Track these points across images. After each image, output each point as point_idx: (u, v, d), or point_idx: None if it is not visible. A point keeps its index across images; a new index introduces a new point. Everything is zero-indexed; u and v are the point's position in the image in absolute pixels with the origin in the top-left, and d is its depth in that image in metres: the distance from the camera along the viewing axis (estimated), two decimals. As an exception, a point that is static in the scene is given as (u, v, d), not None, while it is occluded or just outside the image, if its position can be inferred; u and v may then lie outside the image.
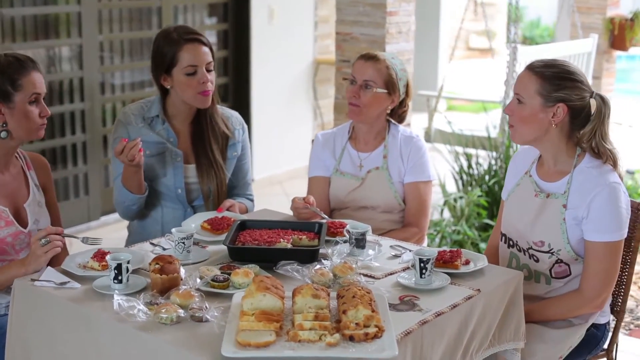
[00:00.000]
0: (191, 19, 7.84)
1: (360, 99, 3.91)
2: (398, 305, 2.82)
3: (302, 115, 8.84)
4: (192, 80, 3.76)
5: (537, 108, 3.23)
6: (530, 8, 18.37)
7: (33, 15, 6.51)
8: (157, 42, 3.81)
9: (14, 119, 3.28)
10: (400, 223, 4.02)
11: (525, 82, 3.27)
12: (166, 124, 3.88)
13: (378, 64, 3.91)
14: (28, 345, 2.96)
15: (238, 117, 4.10)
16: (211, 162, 3.90)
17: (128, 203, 3.82)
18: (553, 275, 3.34)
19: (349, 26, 5.64)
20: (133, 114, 3.88)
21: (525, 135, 3.31)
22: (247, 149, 4.11)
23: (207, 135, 3.91)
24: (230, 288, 2.88)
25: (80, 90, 6.85)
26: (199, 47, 3.78)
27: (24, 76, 3.26)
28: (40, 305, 2.92)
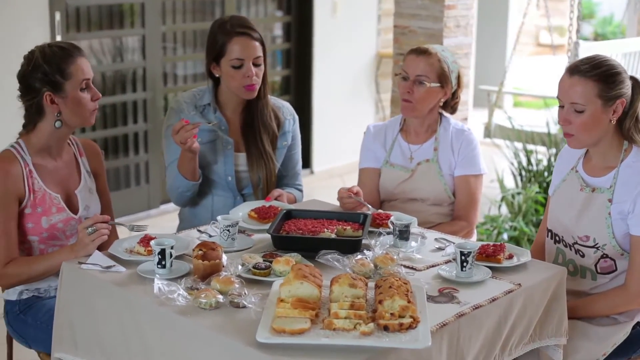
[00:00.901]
0: (254, 10, 7.89)
1: (413, 94, 3.89)
2: (437, 297, 2.82)
3: (363, 109, 8.85)
4: (238, 73, 3.80)
5: (598, 111, 3.19)
6: (603, 4, 18.14)
7: (98, 6, 6.61)
8: (212, 30, 3.85)
9: (68, 107, 3.32)
10: (450, 216, 4.02)
11: (580, 89, 3.20)
12: (218, 112, 3.92)
13: (430, 58, 3.90)
14: (73, 325, 3.03)
15: (289, 108, 4.12)
16: (261, 152, 3.93)
17: (182, 189, 3.86)
18: (598, 270, 3.31)
19: (407, 19, 5.64)
20: (185, 102, 3.92)
21: (587, 141, 3.26)
22: (297, 139, 4.14)
23: (258, 126, 3.94)
24: (271, 276, 2.91)
25: (142, 80, 6.95)
26: (249, 41, 3.80)
27: (72, 64, 3.31)
28: (86, 288, 2.98)
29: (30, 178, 3.31)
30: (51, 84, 3.28)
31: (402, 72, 3.93)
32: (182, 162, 3.78)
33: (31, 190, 3.30)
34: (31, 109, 3.32)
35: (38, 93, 3.28)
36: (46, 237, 3.35)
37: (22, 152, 3.33)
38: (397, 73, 4.00)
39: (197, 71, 7.41)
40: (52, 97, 3.28)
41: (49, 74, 3.27)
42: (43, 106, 3.30)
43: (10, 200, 3.26)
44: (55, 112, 3.31)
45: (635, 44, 7.79)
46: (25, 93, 3.32)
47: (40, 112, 3.31)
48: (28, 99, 3.31)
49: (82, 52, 3.37)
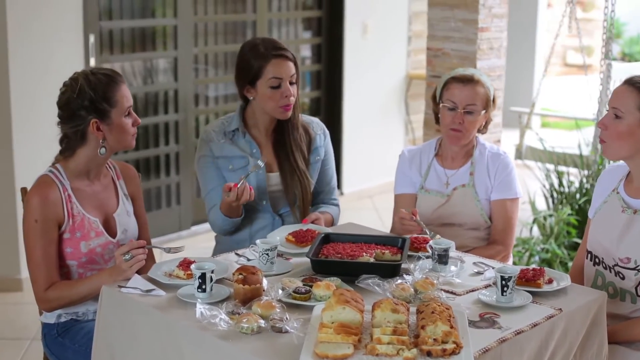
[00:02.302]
0: (285, 32, 7.93)
1: (463, 124, 3.90)
2: (478, 322, 2.81)
3: (393, 130, 8.85)
4: (276, 93, 3.83)
5: (635, 123, 3.20)
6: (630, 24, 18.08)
7: (131, 28, 6.65)
8: (244, 53, 3.88)
9: (112, 134, 3.34)
10: (486, 240, 4.01)
11: (624, 97, 3.23)
12: (247, 136, 3.95)
13: (477, 86, 3.89)
14: (113, 349, 3.04)
15: (319, 123, 4.15)
16: (294, 169, 3.95)
17: (227, 227, 3.93)
18: (639, 293, 3.29)
19: (441, 42, 5.64)
20: (214, 131, 3.96)
21: (618, 151, 3.27)
22: (330, 154, 4.16)
23: (289, 144, 3.97)
24: (311, 300, 2.91)
25: (174, 101, 6.98)
26: (285, 62, 3.84)
27: (117, 91, 3.33)
28: (126, 311, 3.00)
29: (69, 203, 3.33)
30: (97, 112, 3.29)
31: (448, 103, 3.92)
32: (228, 208, 3.82)
33: (70, 215, 3.32)
34: (75, 135, 3.33)
35: (84, 120, 3.30)
36: (85, 261, 3.37)
37: (61, 176, 3.34)
38: (439, 101, 3.97)
39: (228, 92, 7.44)
40: (98, 125, 3.30)
41: (95, 101, 3.28)
42: (87, 133, 3.32)
43: (50, 225, 3.28)
44: (101, 139, 3.32)
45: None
46: (68, 120, 3.32)
47: (83, 138, 3.33)
48: (72, 126, 3.32)
49: (123, 78, 3.40)
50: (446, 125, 3.94)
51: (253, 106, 3.93)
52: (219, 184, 3.92)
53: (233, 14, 7.42)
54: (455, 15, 5.52)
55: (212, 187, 3.93)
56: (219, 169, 3.93)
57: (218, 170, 3.93)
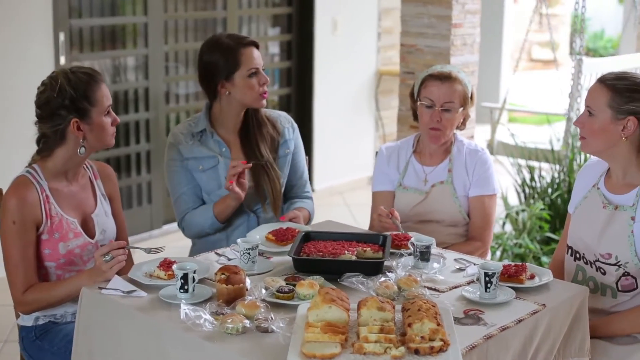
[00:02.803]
0: (255, 29, 7.90)
1: (441, 122, 3.90)
2: (463, 319, 2.81)
3: (364, 126, 8.85)
4: (254, 81, 3.84)
5: (607, 121, 3.21)
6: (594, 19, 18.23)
7: (100, 26, 6.60)
8: (210, 52, 3.86)
9: (92, 133, 3.31)
10: (465, 236, 4.01)
11: (596, 95, 3.26)
12: (215, 136, 3.94)
13: (454, 84, 3.89)
14: (93, 352, 3.00)
15: (286, 117, 4.15)
16: (259, 160, 3.94)
17: (208, 230, 3.92)
18: (619, 288, 3.30)
19: (414, 38, 5.64)
20: (182, 133, 3.95)
21: (595, 147, 3.29)
22: (299, 147, 4.16)
23: (254, 136, 3.96)
24: (295, 299, 2.89)
25: (145, 99, 6.94)
26: (256, 50, 3.88)
27: (97, 90, 3.29)
28: (107, 313, 2.96)
29: (47, 203, 3.29)
30: (78, 111, 3.25)
31: (425, 100, 3.91)
32: (225, 210, 3.84)
33: (48, 216, 3.28)
34: (54, 135, 3.28)
35: (64, 120, 3.25)
36: (63, 262, 3.33)
37: (38, 177, 3.30)
38: (417, 99, 3.96)
39: (198, 90, 7.37)
40: (78, 124, 3.26)
41: (76, 100, 3.24)
42: (67, 133, 3.27)
43: (27, 227, 3.24)
44: (80, 139, 3.28)
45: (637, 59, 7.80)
46: (48, 119, 3.28)
47: (62, 138, 3.28)
48: (52, 126, 3.27)
49: (102, 77, 3.37)
50: (425, 124, 3.93)
51: (222, 103, 3.91)
52: (189, 187, 3.92)
53: (203, 11, 7.39)
54: (428, 11, 5.52)
55: (183, 192, 3.93)
56: (189, 170, 3.91)
57: (188, 173, 3.91)
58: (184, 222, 3.95)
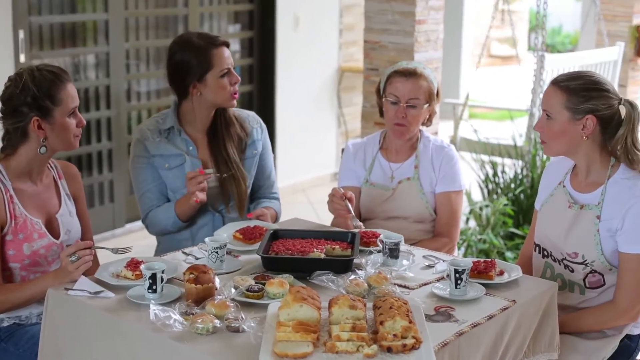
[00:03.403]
0: (217, 26, 7.86)
1: (406, 118, 3.89)
2: (434, 316, 2.80)
3: (326, 123, 8.84)
4: (226, 81, 3.82)
5: (565, 122, 3.22)
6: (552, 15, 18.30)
7: (60, 24, 6.53)
8: (181, 52, 3.83)
9: (54, 133, 3.27)
10: (432, 233, 4.01)
11: (551, 98, 3.26)
12: (183, 134, 3.91)
13: (419, 79, 3.89)
14: (61, 354, 2.96)
15: (255, 117, 4.14)
16: (225, 160, 3.91)
17: (171, 228, 3.89)
18: (587, 285, 3.31)
19: (378, 34, 5.63)
20: (149, 129, 3.91)
21: (557, 149, 3.30)
22: (267, 147, 4.14)
23: (222, 135, 3.94)
24: (264, 298, 2.87)
25: (106, 97, 6.87)
26: (227, 50, 3.86)
27: (62, 90, 3.26)
28: (74, 315, 2.92)
29: (11, 204, 3.24)
30: (40, 109, 3.21)
31: (391, 97, 3.90)
32: (187, 210, 3.81)
33: (12, 217, 3.24)
34: (15, 132, 3.24)
35: (25, 117, 3.21)
36: (28, 263, 3.28)
37: (2, 177, 3.25)
38: (382, 95, 3.95)
39: (160, 87, 7.35)
40: (39, 123, 3.22)
41: (38, 98, 3.20)
42: (28, 131, 3.23)
43: None
44: (42, 138, 3.24)
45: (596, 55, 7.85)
46: (10, 116, 3.24)
47: (24, 136, 3.24)
48: (13, 122, 3.23)
49: (69, 76, 3.33)
50: (390, 120, 3.93)
51: (193, 103, 3.88)
52: (154, 185, 3.89)
53: (164, 8, 7.34)
54: (392, 7, 5.50)
55: (148, 189, 3.90)
56: (155, 168, 3.88)
57: (154, 170, 3.88)
58: (147, 219, 3.92)
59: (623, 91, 8.55)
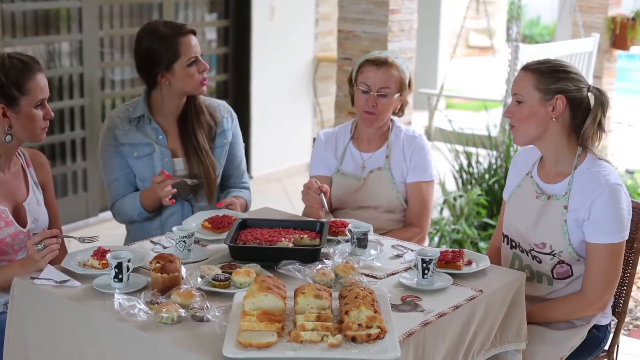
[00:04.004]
0: (192, 15, 7.82)
1: (377, 107, 3.89)
2: (400, 305, 2.80)
3: (302, 113, 8.82)
4: (194, 70, 3.80)
5: (536, 103, 3.24)
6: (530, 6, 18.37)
7: (33, 11, 6.49)
8: (148, 40, 3.80)
9: (20, 122, 3.25)
10: (402, 223, 4.01)
11: (521, 81, 3.29)
12: (153, 122, 3.89)
13: (390, 69, 3.88)
14: (27, 343, 2.95)
15: (226, 106, 4.12)
16: (195, 148, 3.90)
17: (137, 218, 3.88)
18: (555, 276, 3.32)
19: (351, 24, 5.62)
20: (119, 117, 3.89)
21: (527, 133, 3.30)
22: (238, 137, 4.12)
23: (192, 123, 3.92)
24: (231, 287, 2.86)
25: (80, 86, 6.83)
26: (194, 37, 3.84)
27: (31, 79, 3.23)
28: (40, 304, 2.90)
29: (-22, 191, 3.22)
30: (6, 97, 3.19)
31: (362, 85, 3.90)
32: (152, 202, 3.79)
33: (-22, 204, 3.22)
34: None
35: None
36: (-6, 252, 3.26)
37: None
38: (354, 84, 3.95)
39: (134, 76, 7.29)
40: (4, 111, 3.20)
41: (5, 86, 3.18)
42: None
43: None
44: (6, 126, 3.22)
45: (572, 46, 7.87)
46: None
47: None
48: None
49: (41, 67, 3.30)
50: (360, 108, 3.92)
51: (162, 92, 3.86)
52: (122, 174, 3.88)
53: (139, -5, 7.30)
54: (366, -3, 5.51)
55: (116, 177, 3.88)
56: (124, 157, 3.86)
57: (122, 159, 3.86)
58: (114, 208, 3.91)
59: (598, 82, 8.59)
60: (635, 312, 5.42)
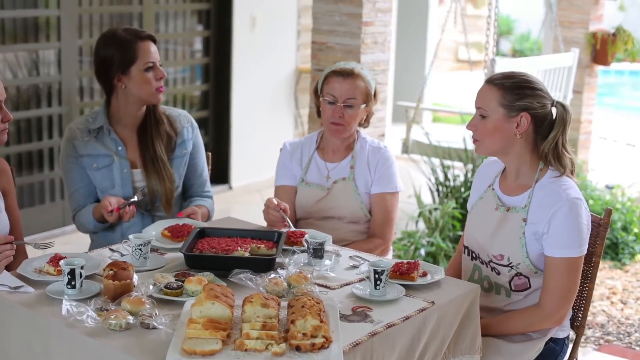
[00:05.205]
0: (173, 25, 7.84)
1: (343, 118, 3.90)
2: (350, 316, 2.81)
3: (283, 124, 8.84)
4: (150, 76, 3.81)
5: (500, 120, 3.24)
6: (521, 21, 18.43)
7: (13, 19, 6.50)
8: (106, 45, 3.82)
9: None
10: (366, 234, 4.02)
11: (486, 96, 3.28)
12: (112, 133, 3.90)
13: (356, 80, 3.90)
14: (-20, 347, 2.96)
15: (187, 116, 4.12)
16: (153, 159, 3.91)
17: (94, 230, 3.91)
18: (513, 288, 3.34)
19: (325, 36, 5.66)
20: (78, 129, 3.90)
21: (490, 147, 3.31)
22: (199, 146, 4.12)
23: (150, 133, 3.93)
24: (183, 295, 2.87)
25: (58, 94, 6.84)
26: (152, 44, 3.86)
27: None
28: (-7, 309, 2.92)
29: (-63, 197, 3.23)
30: None
31: (328, 96, 3.92)
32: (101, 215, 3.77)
33: (-63, 210, 3.22)
34: None
35: None
36: (-47, 257, 3.25)
37: None
38: (320, 95, 3.97)
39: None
40: None
41: None
42: None
43: None
44: None
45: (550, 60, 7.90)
46: None
47: None
48: None
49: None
50: (327, 119, 3.94)
51: (120, 99, 3.87)
52: (82, 185, 3.89)
53: (119, 5, 7.31)
54: (339, 9, 5.53)
55: (76, 188, 3.90)
56: (83, 168, 3.87)
57: (82, 170, 3.88)
58: (75, 219, 3.93)
59: (579, 97, 8.62)
60: (607, 327, 5.43)
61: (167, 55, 7.79)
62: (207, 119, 8.28)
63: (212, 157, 4.41)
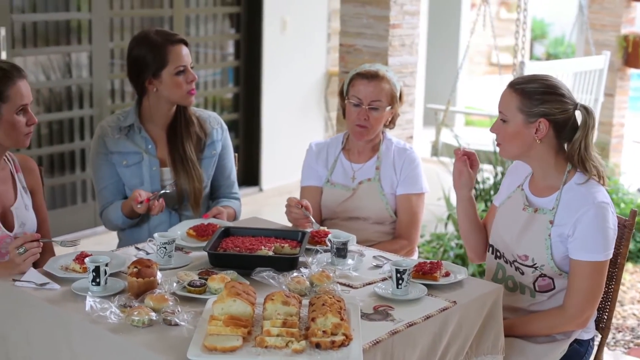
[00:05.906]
0: (203, 28, 7.89)
1: (368, 120, 3.92)
2: (371, 314, 2.83)
3: (313, 127, 8.84)
4: (182, 79, 3.84)
5: (519, 125, 3.23)
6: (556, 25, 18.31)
7: (45, 22, 6.56)
8: (138, 47, 3.86)
9: (1, 129, 3.29)
10: (391, 235, 4.03)
11: (506, 100, 3.28)
12: (143, 131, 3.94)
13: (381, 82, 3.91)
14: (7, 342, 3.01)
15: (216, 117, 4.15)
16: (182, 159, 3.94)
17: (122, 226, 3.95)
18: (537, 288, 3.33)
19: (353, 38, 5.67)
20: (109, 126, 3.94)
21: (512, 151, 3.32)
22: (228, 148, 4.15)
23: (180, 133, 3.96)
24: (206, 293, 2.90)
25: (89, 96, 6.90)
26: (184, 47, 3.89)
27: (11, 87, 3.26)
28: (20, 305, 2.96)
29: (-34, 195, 3.27)
30: None
31: (353, 99, 3.93)
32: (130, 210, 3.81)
33: (-34, 208, 3.27)
34: None
35: None
36: (-19, 255, 3.31)
37: None
38: (345, 97, 3.98)
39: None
40: None
41: None
42: None
43: None
44: None
45: (581, 63, 7.86)
46: None
47: None
48: None
49: (23, 74, 3.33)
50: (352, 121, 3.96)
51: (151, 100, 3.91)
52: (112, 182, 3.93)
53: (149, 8, 7.37)
54: (367, 11, 5.54)
55: (105, 185, 3.94)
56: (113, 165, 3.91)
57: (112, 167, 3.92)
58: (102, 216, 3.96)
59: (611, 100, 8.56)
60: (637, 330, 5.40)
61: (198, 58, 7.84)
62: (237, 122, 8.31)
63: (243, 160, 4.44)
